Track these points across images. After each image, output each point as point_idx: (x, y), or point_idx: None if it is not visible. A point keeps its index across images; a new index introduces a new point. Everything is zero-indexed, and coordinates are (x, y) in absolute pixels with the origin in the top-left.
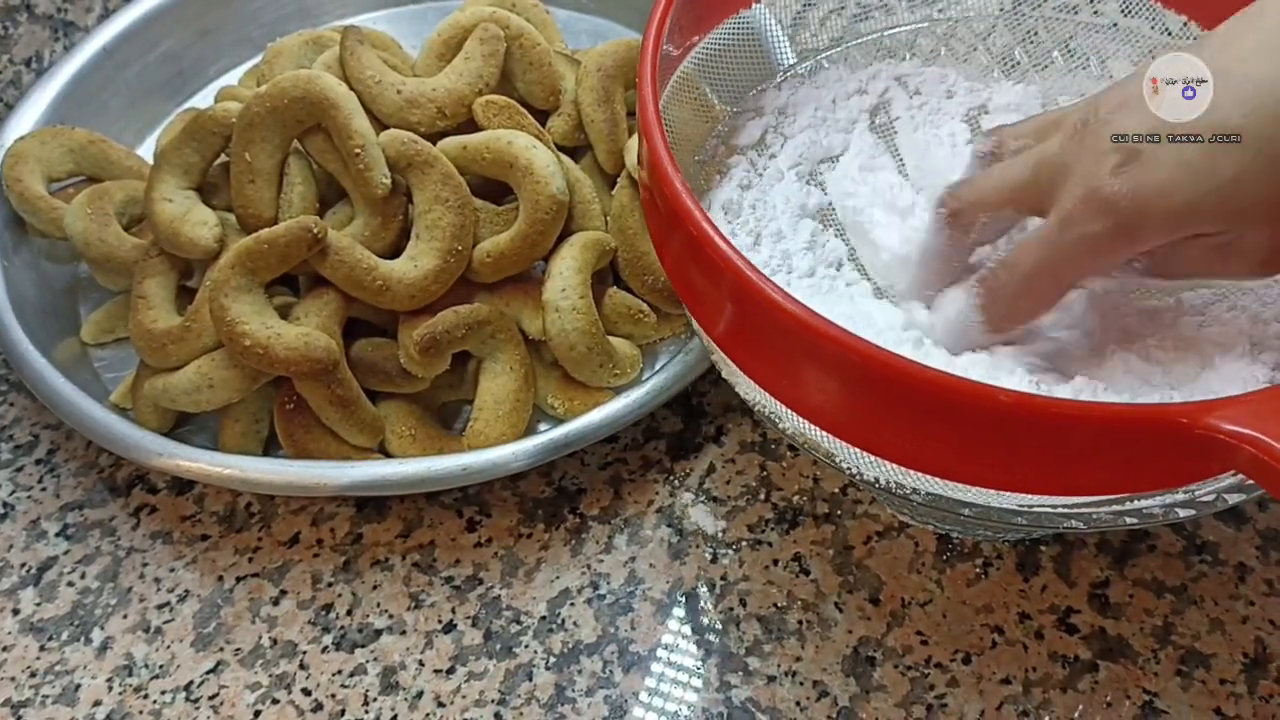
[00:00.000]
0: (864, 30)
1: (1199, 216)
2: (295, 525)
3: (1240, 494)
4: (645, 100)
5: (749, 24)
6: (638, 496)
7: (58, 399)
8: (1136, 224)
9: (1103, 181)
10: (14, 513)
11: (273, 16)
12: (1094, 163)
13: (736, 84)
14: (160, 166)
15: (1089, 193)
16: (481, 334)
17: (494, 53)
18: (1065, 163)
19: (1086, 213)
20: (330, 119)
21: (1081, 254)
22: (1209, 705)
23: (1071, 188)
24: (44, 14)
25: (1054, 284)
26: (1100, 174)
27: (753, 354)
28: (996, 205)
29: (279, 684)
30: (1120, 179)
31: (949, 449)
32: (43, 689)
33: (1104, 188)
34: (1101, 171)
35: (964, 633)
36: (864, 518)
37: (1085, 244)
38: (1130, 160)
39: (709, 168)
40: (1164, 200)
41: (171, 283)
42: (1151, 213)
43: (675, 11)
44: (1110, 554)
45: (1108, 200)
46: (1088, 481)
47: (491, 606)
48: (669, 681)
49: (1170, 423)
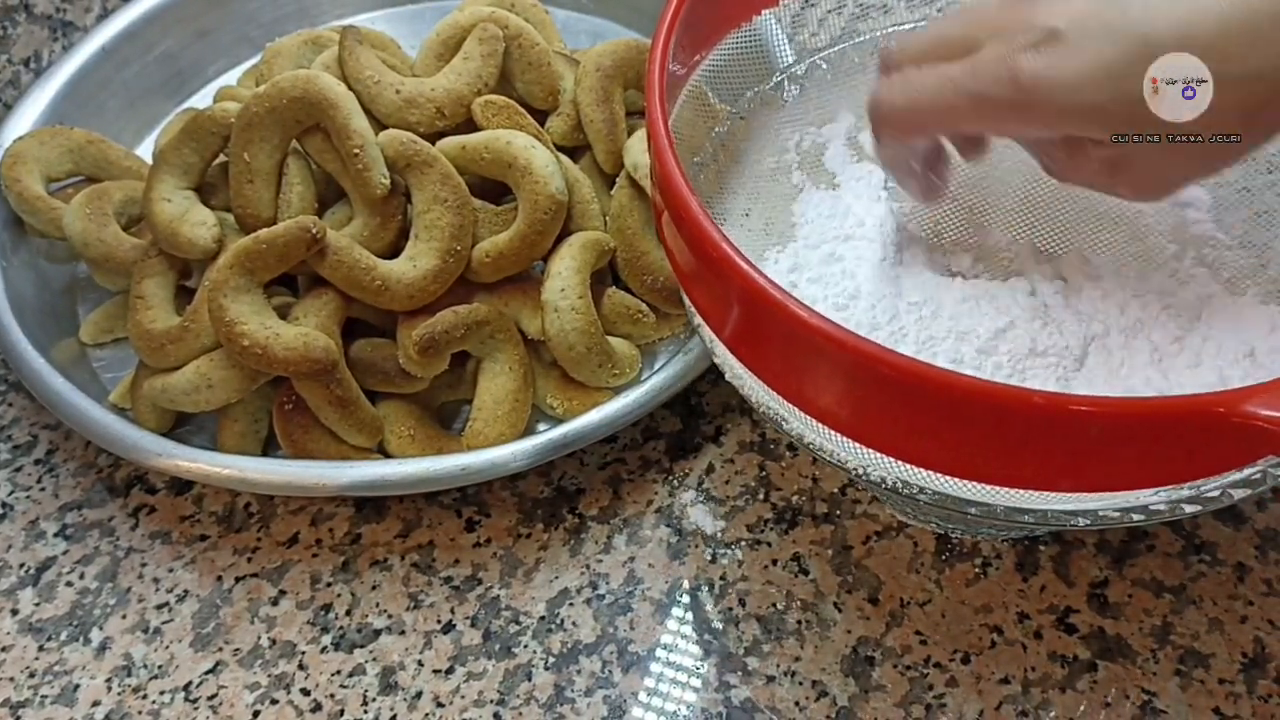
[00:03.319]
0: (862, 30)
1: (1095, 119)
2: (294, 525)
3: (1245, 489)
4: (655, 118)
5: (753, 31)
6: (637, 496)
7: (57, 399)
8: (1033, 105)
9: (1017, 55)
10: (13, 513)
11: (271, 16)
12: (1024, 32)
13: (736, 84)
14: (159, 166)
15: (1000, 59)
16: (480, 334)
17: (493, 53)
18: (996, 25)
19: (991, 76)
20: (329, 119)
21: (970, 107)
22: (1208, 705)
23: (990, 48)
24: (43, 14)
25: (937, 117)
26: (1017, 45)
27: (770, 362)
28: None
29: (278, 684)
30: (1035, 56)
31: (979, 452)
32: (41, 689)
33: (1016, 61)
34: (1021, 43)
35: (963, 632)
36: (863, 517)
37: (977, 101)
38: (1051, 41)
39: (709, 170)
40: (1069, 94)
41: (170, 283)
42: (1051, 101)
43: (679, 32)
44: (1109, 554)
45: (1015, 71)
46: (1123, 477)
47: (490, 607)
48: (668, 681)
49: (1207, 412)
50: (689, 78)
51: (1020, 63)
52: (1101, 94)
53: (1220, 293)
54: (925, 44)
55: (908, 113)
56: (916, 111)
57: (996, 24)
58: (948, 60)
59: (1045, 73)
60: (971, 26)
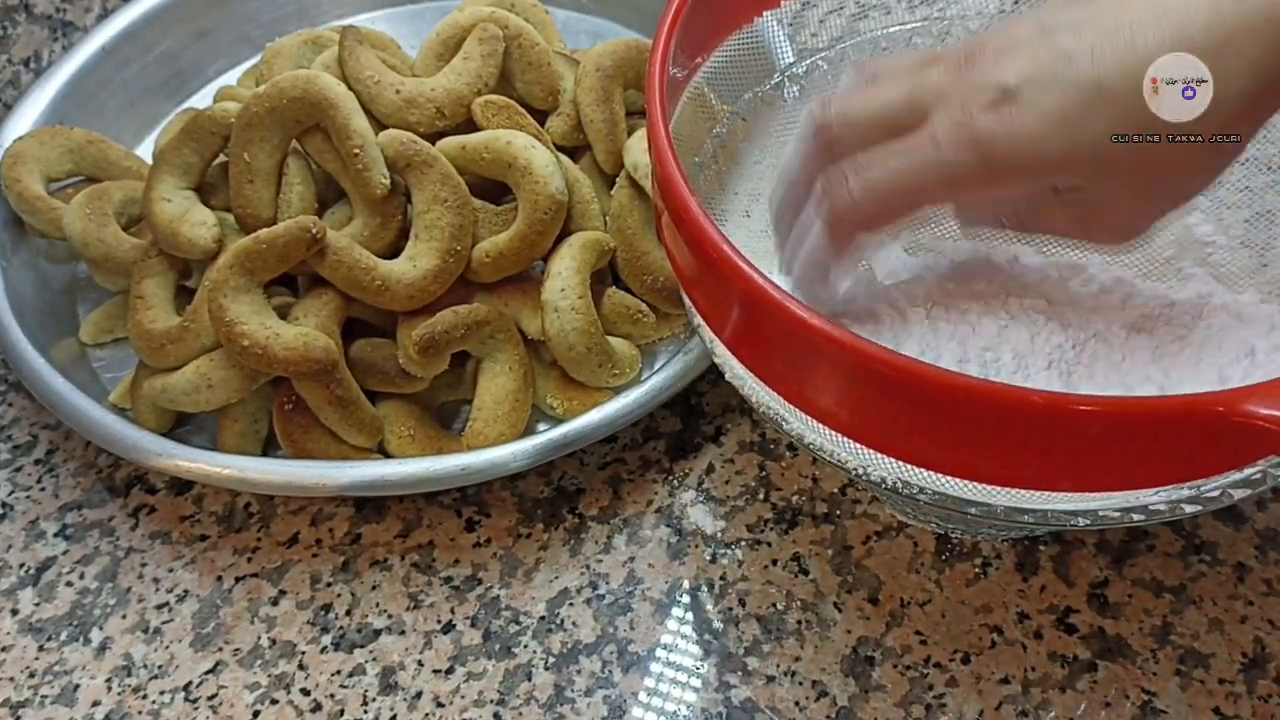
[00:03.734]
0: (862, 30)
1: (1064, 168)
2: (294, 525)
3: (1245, 489)
4: (655, 121)
5: (754, 33)
6: (637, 496)
7: (57, 399)
8: (1001, 166)
9: (975, 116)
10: (13, 513)
11: (271, 16)
12: (970, 95)
13: (736, 85)
14: (159, 166)
15: (960, 124)
16: (480, 334)
17: (493, 53)
18: (942, 91)
19: (954, 143)
20: (329, 119)
21: (939, 180)
22: (1208, 705)
23: (944, 115)
24: (43, 14)
25: (904, 201)
26: (974, 107)
27: (770, 363)
28: (865, 124)
29: (278, 684)
30: (994, 118)
31: (979, 452)
32: (41, 689)
33: (976, 123)
34: (977, 105)
35: (963, 633)
36: (863, 517)
37: (945, 171)
38: (1006, 100)
39: (709, 170)
40: (1034, 147)
41: (170, 283)
42: (1019, 158)
43: (679, 35)
44: (1109, 554)
45: (977, 135)
46: (1123, 477)
47: (490, 607)
48: (668, 681)
49: (1207, 412)
50: (689, 80)
51: (979, 125)
52: (1065, 143)
53: (1220, 292)
54: (866, 118)
55: (875, 206)
56: (883, 202)
57: (939, 90)
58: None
59: (1007, 131)
60: (913, 94)
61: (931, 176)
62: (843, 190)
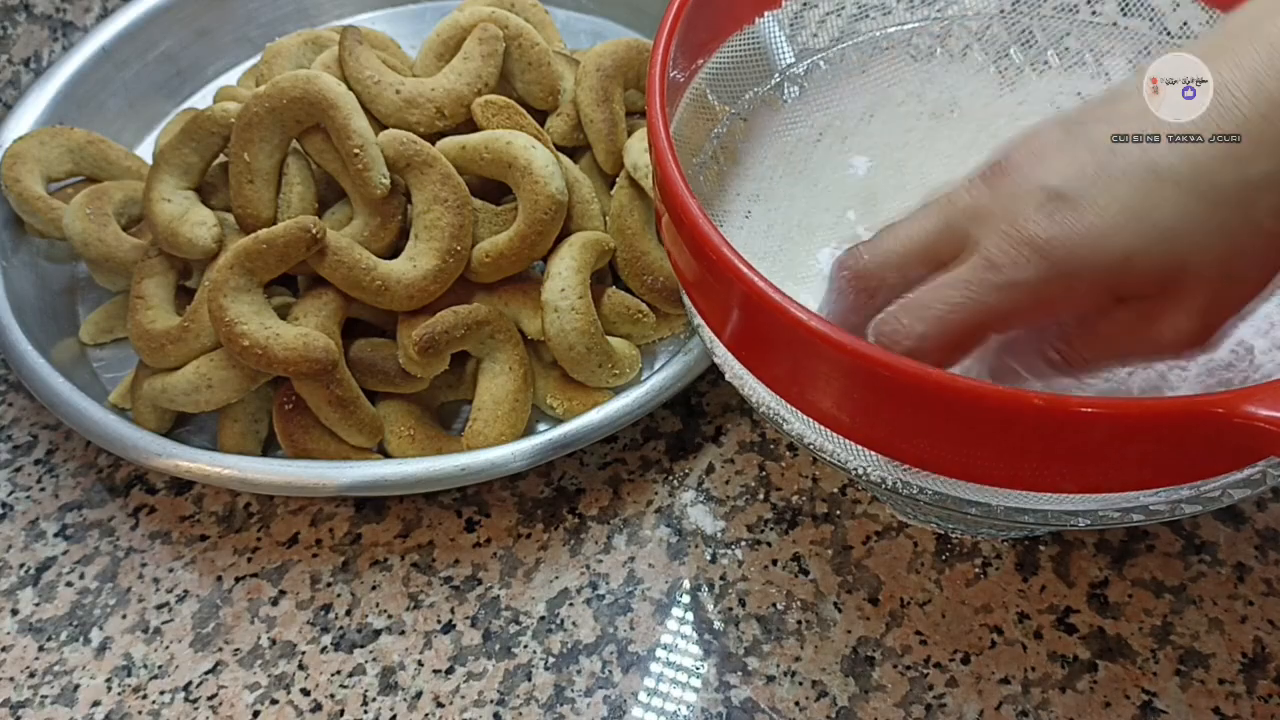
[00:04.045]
0: (862, 30)
1: (1135, 267)
2: (294, 525)
3: (1245, 489)
4: (656, 123)
5: (754, 34)
6: (637, 496)
7: (56, 399)
8: (1066, 273)
9: (1031, 222)
10: (13, 513)
11: (271, 16)
12: (1014, 206)
13: (736, 85)
14: (159, 166)
15: (1016, 234)
16: (480, 334)
17: (493, 53)
18: (982, 208)
19: (1014, 257)
20: (329, 119)
21: (1004, 303)
22: (1208, 705)
23: (993, 230)
24: (42, 14)
25: (966, 335)
26: (1027, 214)
27: (770, 364)
28: (904, 263)
29: (278, 684)
30: (1048, 222)
31: (979, 453)
32: (41, 689)
33: (1032, 229)
34: (1028, 212)
35: (963, 633)
36: (863, 517)
37: (1010, 293)
38: (1056, 203)
39: (709, 171)
40: (1101, 243)
41: (170, 283)
42: (1086, 259)
43: (679, 37)
44: (1109, 554)
45: (1037, 243)
46: (1123, 478)
47: (490, 607)
48: (668, 681)
49: (1207, 413)
50: (690, 80)
51: (1036, 233)
52: (1133, 236)
53: None
54: (900, 254)
55: (942, 341)
56: (950, 336)
57: (973, 210)
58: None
59: (1066, 234)
60: (948, 219)
61: (996, 297)
62: (902, 335)
